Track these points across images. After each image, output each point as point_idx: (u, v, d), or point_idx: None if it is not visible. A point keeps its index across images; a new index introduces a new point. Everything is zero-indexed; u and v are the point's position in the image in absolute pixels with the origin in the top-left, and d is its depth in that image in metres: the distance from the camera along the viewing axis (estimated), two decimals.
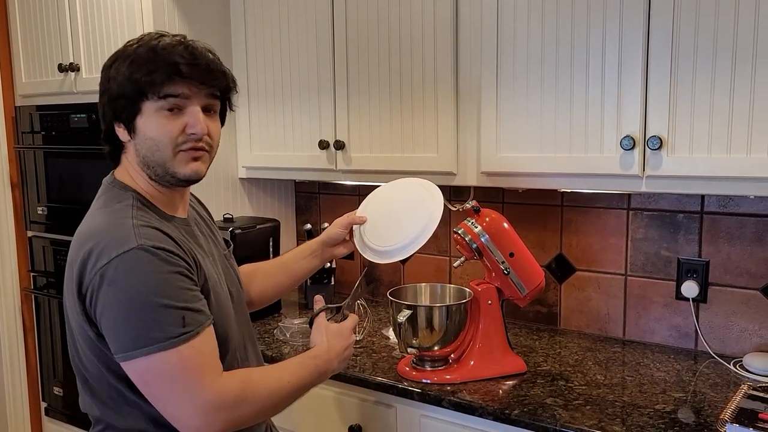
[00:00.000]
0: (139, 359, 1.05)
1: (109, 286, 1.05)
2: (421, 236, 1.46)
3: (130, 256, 1.05)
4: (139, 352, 1.04)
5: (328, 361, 1.29)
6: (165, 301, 1.05)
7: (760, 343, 1.77)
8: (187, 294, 1.09)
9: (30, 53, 2.43)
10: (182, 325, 1.06)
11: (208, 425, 1.08)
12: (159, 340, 1.04)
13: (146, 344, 1.04)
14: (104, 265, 1.05)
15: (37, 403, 2.68)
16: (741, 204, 1.77)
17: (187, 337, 1.06)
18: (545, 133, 1.69)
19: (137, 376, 1.07)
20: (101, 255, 1.06)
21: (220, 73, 1.19)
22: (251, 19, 2.26)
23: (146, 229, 1.09)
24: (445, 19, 1.82)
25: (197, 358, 1.07)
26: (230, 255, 1.39)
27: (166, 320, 1.05)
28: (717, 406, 1.49)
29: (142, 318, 1.04)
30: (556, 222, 2.06)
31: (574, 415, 1.45)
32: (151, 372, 1.06)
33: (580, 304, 2.04)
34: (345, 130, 2.07)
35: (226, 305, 1.24)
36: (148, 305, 1.04)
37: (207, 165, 1.22)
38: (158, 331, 1.04)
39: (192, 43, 1.17)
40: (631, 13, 1.53)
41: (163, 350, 1.04)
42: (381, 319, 2.19)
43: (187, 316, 1.07)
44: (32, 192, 2.50)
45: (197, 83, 1.14)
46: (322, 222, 2.52)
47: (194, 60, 1.14)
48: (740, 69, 1.43)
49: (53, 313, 2.52)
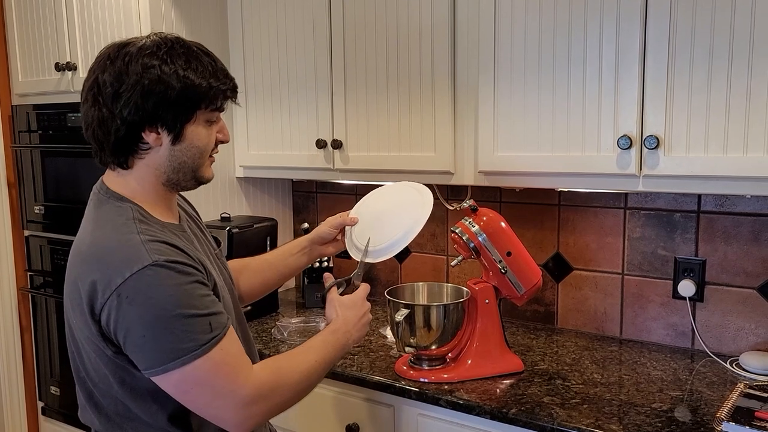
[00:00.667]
0: (173, 372, 1.05)
1: (130, 306, 1.03)
2: (402, 240, 1.45)
3: (146, 273, 1.04)
4: (174, 364, 1.04)
5: (347, 333, 1.32)
6: (191, 312, 1.06)
7: (757, 341, 1.77)
8: (207, 300, 1.10)
9: (27, 52, 2.42)
10: (210, 331, 1.07)
11: (251, 418, 1.12)
12: (192, 350, 1.05)
13: (180, 356, 1.04)
14: (119, 285, 1.03)
15: (34, 403, 2.67)
16: (737, 203, 1.77)
17: (216, 341, 1.07)
18: (542, 132, 1.69)
19: (173, 387, 1.08)
20: (114, 275, 1.04)
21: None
22: (248, 19, 2.25)
23: (155, 244, 1.08)
24: (443, 19, 1.82)
25: (228, 358, 1.09)
26: (221, 253, 1.39)
27: (196, 329, 1.06)
28: (713, 404, 1.50)
29: (172, 332, 1.04)
30: (553, 221, 2.06)
31: (571, 414, 1.45)
32: (188, 381, 1.06)
33: (577, 303, 2.04)
34: (342, 129, 2.07)
35: (228, 305, 1.24)
36: (175, 318, 1.04)
37: None
38: (189, 341, 1.05)
39: (211, 52, 1.20)
40: (627, 12, 1.54)
41: (197, 359, 1.05)
42: (378, 318, 2.19)
43: (213, 320, 1.08)
44: (29, 191, 2.49)
45: (233, 100, 1.22)
46: (319, 221, 2.51)
47: (233, 79, 1.20)
48: (736, 68, 1.43)
49: (50, 312, 2.51)
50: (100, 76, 1.12)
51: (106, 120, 1.11)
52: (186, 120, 1.14)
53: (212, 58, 1.17)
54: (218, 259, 1.35)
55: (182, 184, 1.20)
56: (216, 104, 1.16)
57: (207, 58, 1.15)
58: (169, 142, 1.14)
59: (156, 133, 1.13)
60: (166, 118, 1.11)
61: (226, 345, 1.09)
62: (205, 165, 1.21)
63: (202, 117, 1.16)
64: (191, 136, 1.15)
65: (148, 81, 1.09)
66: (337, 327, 1.31)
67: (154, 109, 1.10)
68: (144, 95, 1.09)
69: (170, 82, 1.09)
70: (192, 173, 1.19)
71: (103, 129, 1.12)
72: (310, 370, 1.22)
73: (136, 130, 1.11)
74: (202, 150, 1.18)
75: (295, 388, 1.19)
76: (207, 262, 1.21)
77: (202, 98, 1.13)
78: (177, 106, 1.11)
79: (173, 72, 1.10)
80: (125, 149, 1.14)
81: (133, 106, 1.09)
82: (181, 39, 1.16)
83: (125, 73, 1.09)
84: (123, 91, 1.09)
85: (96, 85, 1.12)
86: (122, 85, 1.09)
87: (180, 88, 1.10)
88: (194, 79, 1.11)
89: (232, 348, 1.11)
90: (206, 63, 1.14)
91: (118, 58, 1.11)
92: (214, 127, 1.20)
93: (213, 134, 1.20)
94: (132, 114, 1.10)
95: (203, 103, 1.14)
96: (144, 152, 1.15)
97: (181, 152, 1.16)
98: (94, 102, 1.12)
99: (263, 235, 2.27)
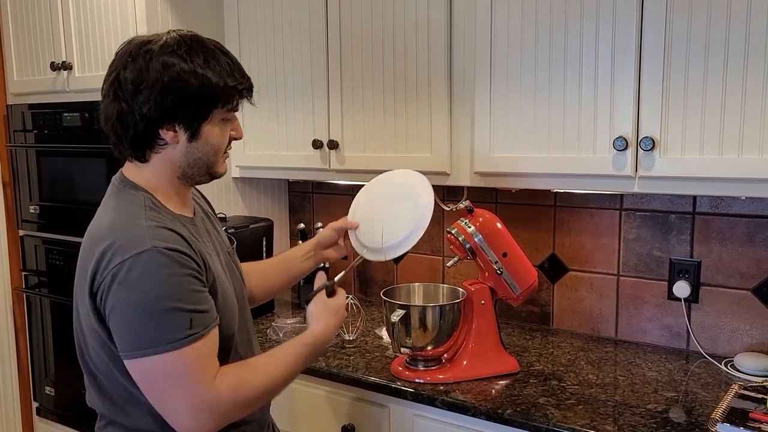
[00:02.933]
0: (143, 359, 1.07)
1: (120, 286, 1.06)
2: (418, 229, 1.46)
3: (143, 257, 1.06)
4: (145, 352, 1.06)
5: (324, 342, 1.32)
6: (175, 305, 1.07)
7: (751, 343, 1.78)
8: (197, 296, 1.11)
9: (22, 51, 2.42)
10: (189, 327, 1.08)
11: (200, 426, 1.10)
12: (165, 342, 1.06)
13: (152, 345, 1.06)
14: (117, 265, 1.06)
15: (29, 403, 2.66)
16: (732, 205, 1.78)
17: (191, 339, 1.08)
18: (538, 133, 1.69)
19: (140, 375, 1.09)
20: (115, 255, 1.07)
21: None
22: (245, 19, 2.25)
23: (159, 230, 1.10)
24: (439, 19, 1.83)
25: (197, 359, 1.09)
26: (233, 252, 1.40)
27: (174, 323, 1.07)
28: (708, 405, 1.50)
29: (151, 321, 1.06)
30: (549, 222, 2.06)
31: (567, 415, 1.45)
32: (154, 372, 1.08)
33: (572, 304, 2.05)
34: (339, 129, 2.07)
35: (232, 303, 1.25)
36: (158, 308, 1.06)
37: None
38: (166, 333, 1.06)
39: (229, 51, 1.22)
40: (623, 13, 1.54)
41: (167, 351, 1.06)
42: (374, 319, 2.19)
43: (195, 318, 1.09)
44: (24, 191, 2.48)
45: (248, 99, 1.24)
46: (315, 221, 2.51)
47: (250, 78, 1.23)
48: (732, 70, 1.44)
49: (45, 312, 2.50)
50: (121, 72, 1.14)
51: (125, 115, 1.14)
52: (203, 119, 1.16)
53: (230, 58, 1.19)
54: (230, 257, 1.36)
55: (197, 179, 1.24)
56: (232, 104, 1.19)
57: (225, 57, 1.18)
58: (185, 140, 1.17)
59: (173, 131, 1.16)
60: (183, 116, 1.14)
61: (200, 346, 1.09)
62: (219, 161, 1.23)
63: (218, 115, 1.19)
64: (207, 134, 1.18)
65: (168, 79, 1.11)
66: (314, 339, 1.29)
67: (172, 106, 1.13)
68: (163, 92, 1.11)
69: (189, 81, 1.12)
70: (207, 169, 1.22)
71: (123, 123, 1.15)
72: (272, 385, 1.19)
73: (154, 126, 1.14)
74: (216, 148, 1.21)
75: (252, 403, 1.17)
76: (212, 258, 1.22)
77: (219, 97, 1.16)
78: (195, 105, 1.14)
79: (192, 70, 1.12)
80: (143, 144, 1.17)
81: (153, 103, 1.12)
82: (200, 37, 1.18)
83: (146, 70, 1.12)
84: (143, 88, 1.12)
85: (117, 81, 1.14)
86: (142, 82, 1.12)
87: (198, 86, 1.13)
88: (212, 78, 1.14)
89: (205, 350, 1.11)
90: (224, 62, 1.17)
91: (140, 55, 1.13)
92: (229, 125, 1.23)
93: (228, 132, 1.23)
94: (151, 110, 1.12)
95: (220, 102, 1.17)
96: (161, 147, 1.18)
97: (197, 149, 1.18)
98: (115, 97, 1.15)
99: (259, 235, 2.27)
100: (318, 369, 1.77)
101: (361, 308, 2.07)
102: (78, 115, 2.22)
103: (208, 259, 1.19)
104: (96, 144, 2.14)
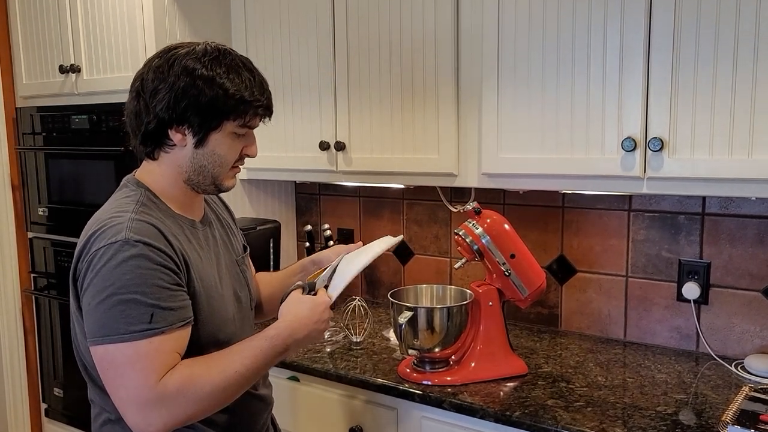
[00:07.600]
0: (99, 346, 1.09)
1: (90, 272, 1.10)
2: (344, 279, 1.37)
3: (115, 247, 1.09)
4: (101, 339, 1.08)
5: (291, 336, 1.22)
6: (136, 297, 1.08)
7: (762, 344, 1.77)
8: (163, 292, 1.11)
9: (31, 54, 2.43)
10: (148, 322, 1.08)
11: (148, 422, 1.08)
12: (120, 332, 1.08)
13: (108, 333, 1.08)
14: (93, 252, 1.11)
15: (38, 405, 2.68)
16: (742, 205, 1.76)
17: (150, 333, 1.08)
18: (546, 134, 1.69)
19: (97, 361, 1.11)
20: (94, 243, 1.12)
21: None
22: (252, 22, 2.25)
23: (139, 223, 1.13)
24: (447, 21, 1.82)
25: (151, 354, 1.08)
26: (242, 261, 1.39)
27: (132, 314, 1.08)
28: (718, 407, 1.49)
29: (112, 308, 1.08)
30: (557, 223, 2.05)
31: (575, 417, 1.45)
32: (106, 359, 1.09)
33: (581, 305, 2.04)
34: (346, 131, 2.07)
35: (221, 308, 1.24)
36: (120, 297, 1.08)
37: None
38: (122, 323, 1.08)
39: (256, 69, 1.23)
40: (632, 14, 1.53)
41: (120, 342, 1.08)
42: (382, 321, 2.19)
43: (157, 313, 1.09)
44: (33, 193, 2.50)
45: (268, 119, 1.26)
46: (322, 223, 2.52)
47: (270, 98, 1.24)
48: (741, 70, 1.43)
49: (54, 314, 2.52)
50: (146, 72, 1.19)
51: (140, 111, 1.19)
52: (211, 127, 1.18)
53: (253, 74, 1.21)
54: (237, 265, 1.36)
55: (202, 187, 1.25)
56: (244, 119, 1.20)
57: (247, 74, 1.19)
58: (192, 145, 1.19)
59: (182, 134, 1.18)
60: (193, 122, 1.17)
61: (159, 342, 1.09)
62: (225, 174, 1.24)
63: (229, 128, 1.20)
64: (214, 143, 1.20)
65: (184, 83, 1.15)
66: (278, 332, 1.21)
67: (183, 110, 1.15)
68: (177, 95, 1.15)
69: (204, 88, 1.15)
70: (212, 179, 1.23)
71: (137, 119, 1.20)
72: (228, 381, 1.13)
73: (164, 126, 1.17)
74: (223, 159, 1.22)
75: (204, 400, 1.11)
76: (202, 262, 1.22)
77: (232, 110, 1.18)
78: (205, 112, 1.16)
79: (209, 78, 1.15)
80: (152, 141, 1.20)
81: (166, 104, 1.15)
82: (230, 50, 1.21)
83: (167, 72, 1.16)
84: (161, 88, 1.16)
85: (141, 80, 1.19)
86: (161, 83, 1.16)
87: (212, 95, 1.15)
88: (229, 89, 1.16)
89: (165, 347, 1.09)
90: (245, 78, 1.18)
91: (166, 58, 1.18)
92: (241, 140, 1.23)
93: (238, 147, 1.23)
94: (163, 111, 1.16)
95: (232, 114, 1.18)
96: (170, 148, 1.20)
97: (202, 156, 1.20)
98: (137, 95, 1.20)
99: (266, 237, 2.27)
100: (326, 371, 1.77)
101: (369, 310, 2.07)
102: (86, 117, 2.24)
103: (192, 259, 1.19)
104: (104, 146, 2.16)
